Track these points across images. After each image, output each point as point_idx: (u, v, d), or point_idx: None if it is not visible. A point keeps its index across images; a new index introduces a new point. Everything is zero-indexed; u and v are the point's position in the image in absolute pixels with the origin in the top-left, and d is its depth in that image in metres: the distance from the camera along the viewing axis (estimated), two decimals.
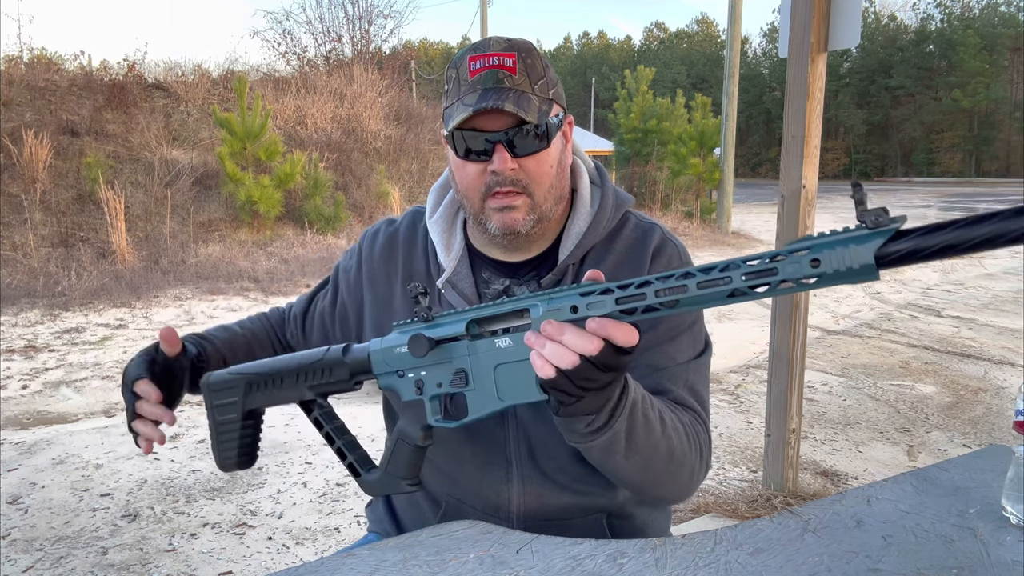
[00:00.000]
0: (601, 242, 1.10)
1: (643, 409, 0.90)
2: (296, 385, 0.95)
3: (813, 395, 4.43)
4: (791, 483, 3.00)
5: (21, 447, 3.60)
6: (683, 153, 14.63)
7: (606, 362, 0.74)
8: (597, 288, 0.73)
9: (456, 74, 1.01)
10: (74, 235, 8.75)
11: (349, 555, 0.93)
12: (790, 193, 2.79)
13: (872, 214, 0.60)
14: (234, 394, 0.98)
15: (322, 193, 10.52)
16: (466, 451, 1.11)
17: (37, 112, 10.17)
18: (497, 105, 0.95)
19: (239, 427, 0.99)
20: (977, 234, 0.56)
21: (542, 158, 1.01)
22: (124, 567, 2.52)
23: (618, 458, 0.90)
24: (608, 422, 0.85)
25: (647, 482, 0.97)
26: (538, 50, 1.03)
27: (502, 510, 1.09)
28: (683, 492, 1.05)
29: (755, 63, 63.03)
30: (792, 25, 2.73)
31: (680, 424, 0.99)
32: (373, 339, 0.91)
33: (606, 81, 52.60)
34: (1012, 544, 0.93)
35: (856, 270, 0.61)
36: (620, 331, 0.72)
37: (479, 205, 1.03)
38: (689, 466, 1.00)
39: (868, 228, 0.60)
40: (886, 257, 0.60)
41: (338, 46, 18.39)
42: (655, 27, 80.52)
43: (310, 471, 3.34)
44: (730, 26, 13.33)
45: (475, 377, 0.84)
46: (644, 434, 0.90)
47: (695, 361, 1.07)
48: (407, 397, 0.89)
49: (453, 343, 0.84)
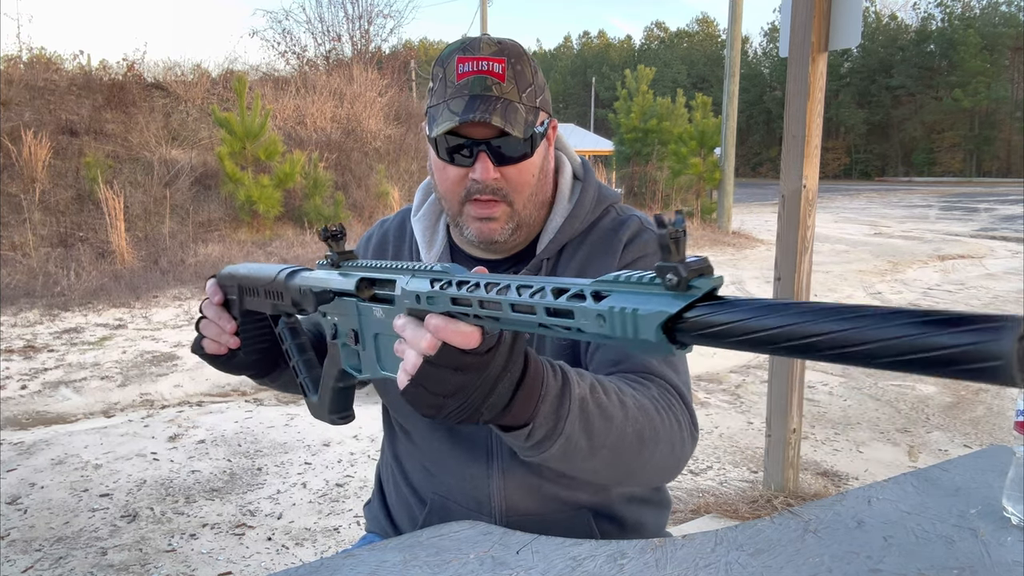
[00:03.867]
0: (578, 236, 1.10)
1: (596, 400, 0.83)
2: (264, 299, 0.94)
3: (814, 395, 4.43)
4: (792, 483, 2.99)
5: (20, 447, 3.59)
6: (683, 153, 14.63)
7: (449, 362, 0.64)
8: (444, 278, 0.63)
9: (443, 73, 0.99)
10: (73, 235, 8.75)
11: (349, 555, 0.92)
12: (790, 193, 2.79)
13: (672, 268, 0.44)
14: (234, 292, 1.00)
15: (322, 193, 10.52)
16: (445, 446, 1.11)
17: (36, 112, 10.17)
18: (485, 118, 0.93)
19: (240, 323, 1.00)
20: (812, 332, 0.37)
21: (524, 167, 1.01)
22: (123, 567, 2.52)
23: (580, 460, 0.84)
24: (554, 429, 0.78)
25: (624, 473, 0.91)
26: (527, 53, 1.01)
27: (484, 506, 1.09)
28: (670, 469, 0.96)
29: (755, 63, 63.04)
30: (792, 25, 2.72)
31: (646, 400, 0.91)
32: (314, 272, 0.87)
33: (606, 81, 52.60)
34: (1013, 544, 0.93)
35: (641, 340, 0.45)
36: (456, 334, 0.62)
37: (458, 208, 1.03)
38: (667, 441, 0.92)
39: (664, 285, 0.44)
40: (682, 331, 0.44)
41: (338, 46, 18.39)
42: (655, 27, 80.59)
43: (310, 471, 3.34)
44: (730, 26, 13.32)
45: (363, 339, 0.80)
46: (604, 426, 0.83)
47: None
48: (328, 335, 0.87)
49: (349, 298, 0.79)
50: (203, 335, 1.01)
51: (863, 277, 8.90)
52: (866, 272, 9.26)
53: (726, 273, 8.56)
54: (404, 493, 1.20)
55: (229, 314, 1.00)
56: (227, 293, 1.01)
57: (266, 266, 0.95)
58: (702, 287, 0.43)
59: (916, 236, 13.50)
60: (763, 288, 7.86)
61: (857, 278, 8.81)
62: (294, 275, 0.89)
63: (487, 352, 0.65)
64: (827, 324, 0.37)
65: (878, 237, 13.33)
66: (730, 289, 7.50)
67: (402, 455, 1.21)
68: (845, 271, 9.29)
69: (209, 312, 1.00)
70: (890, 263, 10.05)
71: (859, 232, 14.21)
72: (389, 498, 1.26)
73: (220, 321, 1.00)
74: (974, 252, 11.12)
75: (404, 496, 1.20)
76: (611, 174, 15.85)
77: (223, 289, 1.01)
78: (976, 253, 11.02)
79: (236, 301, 0.99)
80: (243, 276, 0.97)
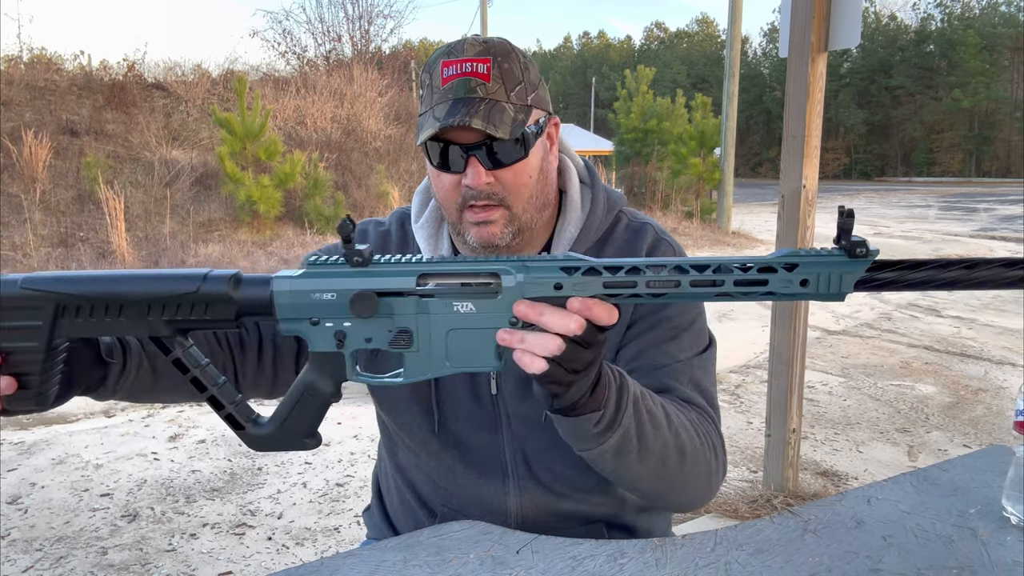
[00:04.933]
0: (594, 245, 1.08)
1: (646, 405, 0.88)
2: (145, 318, 0.74)
3: (813, 395, 4.43)
4: (791, 483, 3.00)
5: (21, 447, 3.60)
6: (683, 153, 14.63)
7: (587, 339, 0.72)
8: (582, 266, 0.71)
9: (430, 79, 0.97)
10: (74, 235, 8.75)
11: (349, 555, 0.92)
12: (790, 193, 2.79)
13: (852, 244, 0.67)
14: (37, 315, 0.74)
15: (322, 193, 10.52)
16: (459, 465, 1.09)
17: (37, 112, 10.17)
18: (464, 122, 0.90)
19: (40, 361, 0.75)
20: (947, 276, 0.66)
21: (520, 169, 0.97)
22: (124, 567, 2.52)
23: (631, 460, 0.88)
24: (615, 418, 0.83)
25: (666, 485, 0.95)
26: (516, 50, 0.98)
27: (498, 519, 1.08)
28: (704, 493, 1.01)
29: (755, 63, 63.03)
30: (792, 25, 2.73)
31: (687, 420, 0.96)
32: (278, 273, 0.76)
33: (606, 81, 52.59)
34: (1012, 544, 0.93)
35: (834, 293, 0.68)
36: (603, 311, 0.71)
37: (456, 216, 1.00)
38: (705, 463, 0.97)
39: (847, 254, 0.67)
40: (864, 283, 0.67)
41: (338, 46, 18.40)
42: (655, 27, 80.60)
43: (310, 471, 3.34)
44: (730, 26, 13.32)
45: (421, 339, 0.74)
46: (652, 430, 0.88)
47: (699, 357, 1.04)
48: (321, 348, 0.76)
49: (397, 298, 0.74)
50: None
51: None
52: None
53: None
54: (410, 503, 1.17)
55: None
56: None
57: (139, 272, 0.76)
58: (874, 254, 0.67)
59: (916, 236, 13.50)
60: None
61: None
62: (240, 280, 0.75)
63: (606, 329, 0.73)
64: (953, 272, 0.65)
65: (878, 237, 13.32)
66: None
67: (406, 467, 1.18)
68: None
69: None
70: None
71: (859, 232, 14.18)
72: (391, 506, 1.24)
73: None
74: (974, 252, 11.13)
75: (410, 506, 1.18)
76: (611, 174, 15.85)
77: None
78: (976, 253, 11.02)
79: (20, 329, 0.74)
80: (80, 290, 0.73)
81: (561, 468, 1.06)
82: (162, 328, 0.74)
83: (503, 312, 0.73)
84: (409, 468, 1.17)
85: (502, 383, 1.06)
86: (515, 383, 1.05)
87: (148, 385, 0.93)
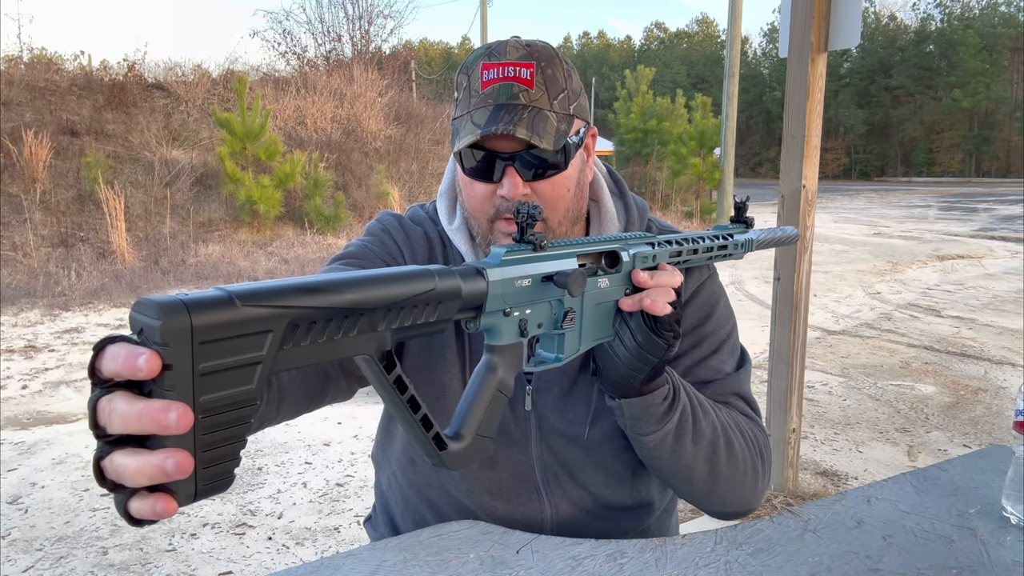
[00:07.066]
0: None
1: (687, 388, 0.94)
2: (376, 329, 0.55)
3: (813, 395, 4.43)
4: (791, 483, 3.00)
5: (21, 447, 3.60)
6: (683, 153, 14.64)
7: (678, 295, 0.86)
8: (658, 239, 0.88)
9: (467, 81, 0.91)
10: (74, 235, 8.75)
11: (349, 555, 0.93)
12: (790, 193, 2.79)
13: (747, 220, 1.04)
14: (258, 344, 0.47)
15: (322, 193, 10.52)
16: (489, 481, 1.03)
17: (37, 112, 10.18)
18: (508, 130, 0.85)
19: (249, 416, 0.48)
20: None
21: (558, 181, 0.92)
22: (124, 567, 2.52)
23: (688, 443, 0.91)
24: (676, 395, 0.90)
25: (715, 479, 0.95)
26: (559, 55, 0.93)
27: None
28: (750, 495, 1.00)
29: (755, 63, 63.03)
30: (792, 25, 2.73)
31: (731, 419, 0.99)
32: (485, 259, 0.68)
33: (606, 81, 52.56)
34: (1012, 544, 0.93)
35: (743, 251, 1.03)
36: (678, 273, 0.86)
37: (487, 227, 0.95)
38: (751, 462, 0.99)
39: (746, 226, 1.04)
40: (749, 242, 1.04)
41: (338, 46, 18.42)
42: (655, 27, 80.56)
43: (310, 471, 3.34)
44: (730, 26, 13.33)
45: (581, 314, 0.79)
46: (703, 413, 0.93)
47: (739, 372, 1.05)
48: (506, 340, 0.71)
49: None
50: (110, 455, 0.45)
51: (862, 277, 8.90)
52: (865, 272, 9.27)
53: (726, 273, 8.56)
54: (428, 521, 1.11)
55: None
56: (201, 357, 0.45)
57: (368, 272, 0.56)
58: (752, 225, 1.05)
59: (915, 236, 13.50)
60: (762, 288, 7.86)
61: (856, 278, 8.82)
62: (469, 273, 0.65)
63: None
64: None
65: (877, 237, 13.33)
66: (729, 289, 7.67)
67: (423, 485, 1.11)
68: (844, 271, 9.30)
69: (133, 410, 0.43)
70: (889, 263, 10.06)
71: (858, 232, 14.21)
72: (396, 515, 1.18)
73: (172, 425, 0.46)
74: (973, 252, 11.13)
75: (422, 516, 1.12)
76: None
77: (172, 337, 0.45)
78: (975, 253, 11.02)
79: (235, 368, 0.46)
80: (309, 302, 0.49)
81: (594, 486, 1.03)
82: (389, 340, 0.57)
83: (622, 284, 0.83)
84: (426, 487, 1.11)
85: (539, 399, 1.02)
86: (554, 399, 1.02)
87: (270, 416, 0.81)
